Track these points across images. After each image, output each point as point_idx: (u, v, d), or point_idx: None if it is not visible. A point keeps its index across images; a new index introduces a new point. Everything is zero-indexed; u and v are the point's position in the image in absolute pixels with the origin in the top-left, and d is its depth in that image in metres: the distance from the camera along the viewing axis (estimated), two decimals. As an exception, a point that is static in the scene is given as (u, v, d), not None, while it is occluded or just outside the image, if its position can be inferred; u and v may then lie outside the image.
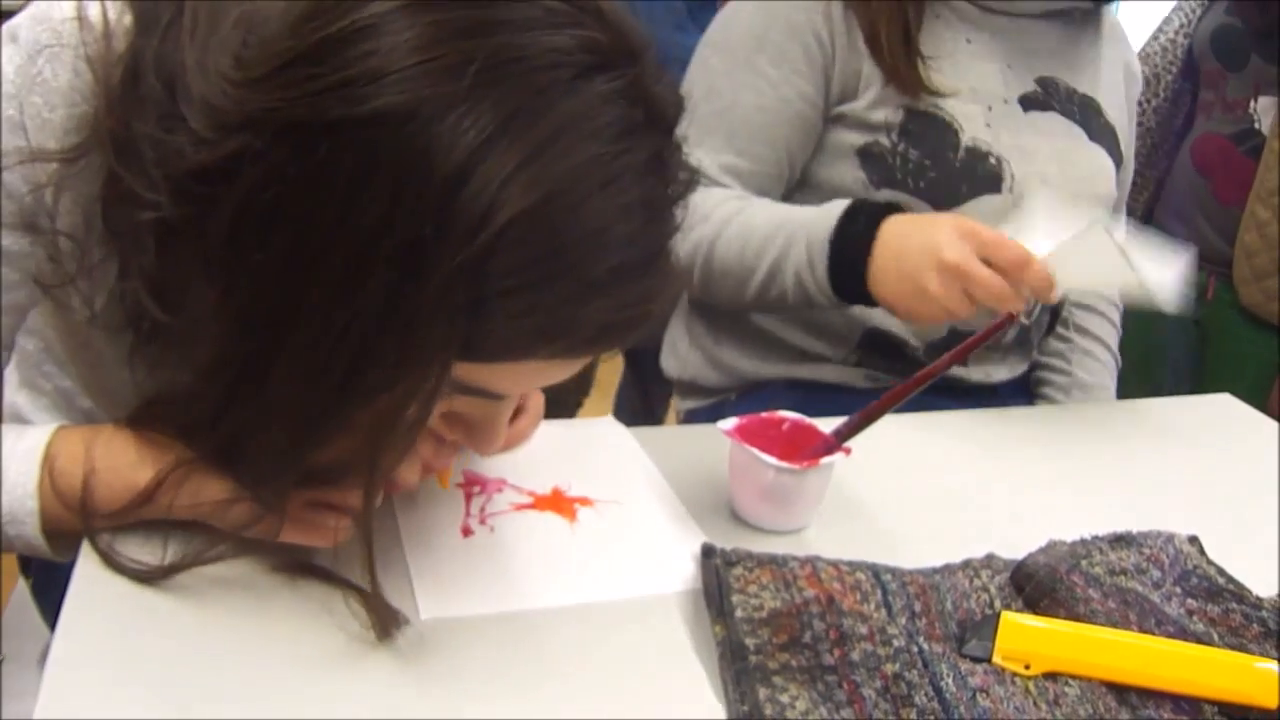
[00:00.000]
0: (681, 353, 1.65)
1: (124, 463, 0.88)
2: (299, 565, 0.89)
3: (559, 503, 1.03)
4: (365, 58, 0.69)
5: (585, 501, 1.04)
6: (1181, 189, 2.18)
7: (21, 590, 1.32)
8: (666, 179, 0.78)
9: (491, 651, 0.85)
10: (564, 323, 0.74)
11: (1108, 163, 1.55)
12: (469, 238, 0.68)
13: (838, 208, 1.30)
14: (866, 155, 1.43)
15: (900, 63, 1.41)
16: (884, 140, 1.42)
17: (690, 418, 1.67)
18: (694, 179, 0.81)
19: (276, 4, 0.75)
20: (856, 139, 1.43)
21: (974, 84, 1.46)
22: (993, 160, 1.43)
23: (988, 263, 1.15)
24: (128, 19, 0.82)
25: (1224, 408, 1.44)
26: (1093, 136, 1.54)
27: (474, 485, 1.04)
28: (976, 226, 1.18)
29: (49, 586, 1.20)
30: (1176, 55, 2.23)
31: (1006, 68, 1.49)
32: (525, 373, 0.79)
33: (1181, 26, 2.22)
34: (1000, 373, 1.57)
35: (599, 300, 0.73)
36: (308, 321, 0.73)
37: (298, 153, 0.70)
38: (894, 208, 1.28)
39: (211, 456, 0.86)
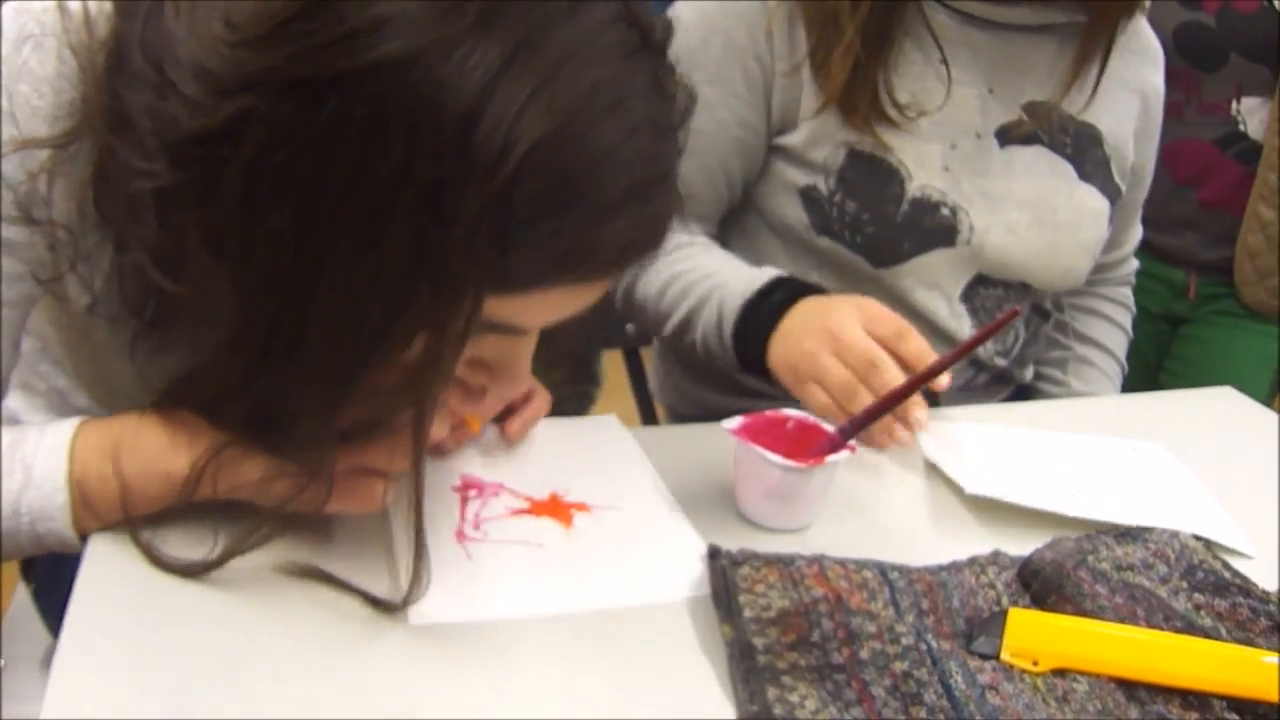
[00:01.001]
0: (660, 381, 1.66)
1: (152, 450, 0.89)
2: (305, 569, 0.89)
3: (555, 508, 1.02)
4: (364, 8, 0.69)
5: (582, 507, 1.02)
6: (1159, 195, 2.08)
7: (22, 594, 1.32)
8: (667, 98, 0.80)
9: (498, 651, 0.84)
10: (585, 246, 0.76)
11: (1099, 204, 1.45)
12: (490, 173, 0.70)
13: (762, 278, 1.25)
14: (807, 198, 1.36)
15: (858, 95, 1.30)
16: (821, 186, 1.35)
17: None
18: (692, 101, 0.84)
19: None
20: (798, 178, 1.36)
21: (942, 116, 1.35)
22: (945, 210, 1.35)
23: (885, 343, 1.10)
24: (108, 5, 0.83)
25: (1227, 401, 1.44)
26: (1084, 174, 1.43)
27: (471, 489, 1.04)
28: (880, 312, 1.14)
29: (50, 590, 1.20)
30: None
31: (988, 92, 1.38)
32: (549, 302, 0.81)
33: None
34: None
35: (616, 221, 0.76)
36: (336, 275, 0.74)
37: (305, 109, 0.71)
38: (816, 289, 1.23)
39: (244, 428, 0.87)
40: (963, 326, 1.42)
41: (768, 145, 1.39)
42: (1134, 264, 1.71)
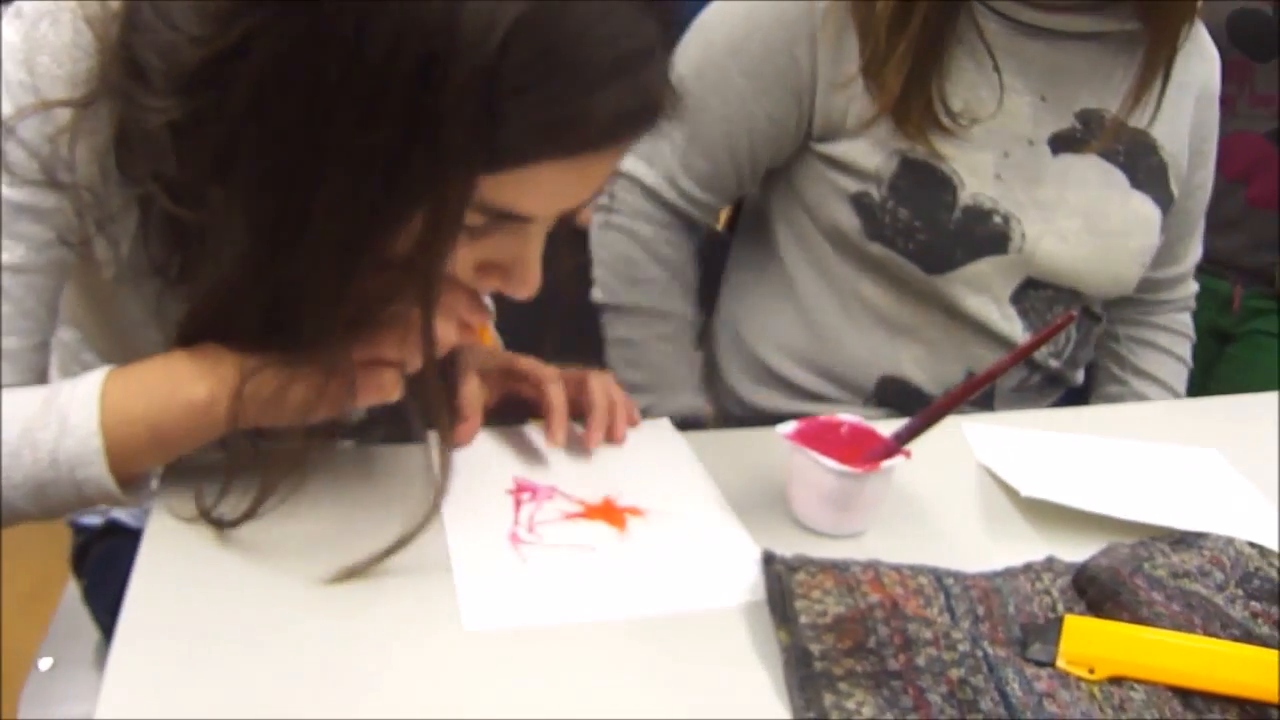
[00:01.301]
0: (707, 381, 1.66)
1: (173, 382, 0.92)
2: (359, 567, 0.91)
3: (609, 512, 1.02)
4: None
5: (636, 511, 1.03)
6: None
7: (71, 593, 1.33)
8: None
9: (550, 656, 0.85)
10: (573, 115, 0.79)
11: (1152, 212, 1.43)
12: (477, 45, 0.74)
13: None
14: (859, 204, 1.37)
15: (911, 104, 1.31)
16: (874, 193, 1.35)
17: None
18: None
19: None
20: (849, 185, 1.37)
21: (994, 124, 1.35)
22: (997, 219, 1.35)
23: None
24: None
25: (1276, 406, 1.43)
26: (1137, 182, 1.42)
27: (524, 492, 1.04)
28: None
29: (101, 588, 1.22)
30: None
31: (1040, 100, 1.37)
32: (546, 184, 0.84)
33: None
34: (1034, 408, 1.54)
35: (602, 91, 0.79)
36: (336, 160, 0.79)
37: (299, 16, 0.76)
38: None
39: (259, 338, 0.90)
40: (1015, 329, 1.42)
41: (801, 145, 1.41)
42: (1193, 286, 1.67)
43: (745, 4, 1.38)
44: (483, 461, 1.10)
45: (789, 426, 1.03)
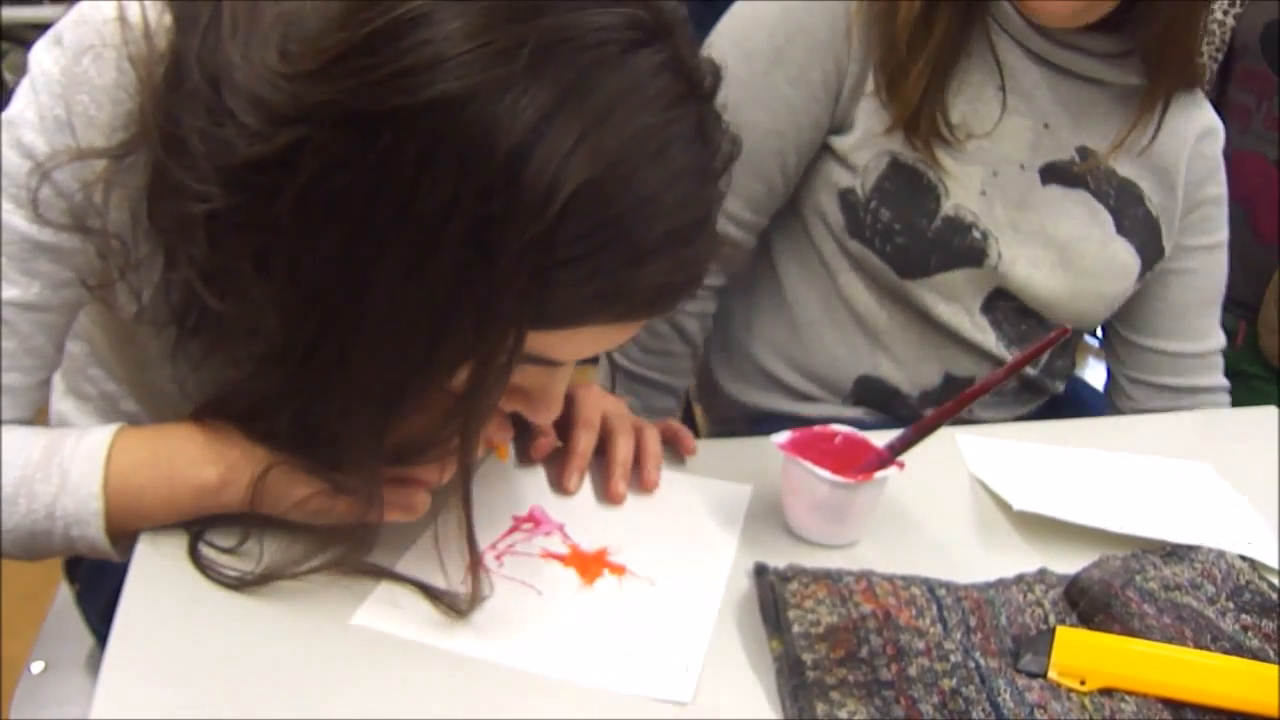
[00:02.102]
0: (698, 381, 1.66)
1: (186, 460, 0.91)
2: (374, 569, 0.91)
3: (588, 563, 0.98)
4: (420, 47, 0.71)
5: (618, 570, 0.97)
6: None
7: (63, 596, 1.33)
8: (710, 145, 0.81)
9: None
10: (622, 287, 0.77)
11: (1130, 260, 1.43)
12: (536, 213, 0.71)
13: None
14: (845, 200, 1.37)
15: (921, 115, 1.30)
16: (859, 190, 1.34)
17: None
18: (736, 148, 0.85)
19: (313, 1, 0.78)
20: (840, 178, 1.36)
21: (989, 142, 1.35)
22: (976, 233, 1.35)
23: None
24: (167, 19, 0.84)
25: (1271, 421, 1.43)
26: (1122, 229, 1.42)
27: (528, 522, 1.02)
28: None
29: (94, 592, 1.21)
30: (1216, 52, 1.97)
31: (1043, 127, 1.37)
32: (585, 338, 0.82)
33: (1219, 19, 1.96)
34: (998, 415, 1.54)
35: (654, 264, 0.77)
36: (382, 303, 0.76)
37: (360, 142, 0.73)
38: None
39: (284, 443, 0.89)
40: (987, 338, 1.42)
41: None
42: (1223, 381, 1.59)
43: (778, 4, 1.34)
44: (511, 482, 1.09)
45: (783, 436, 1.03)
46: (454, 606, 0.88)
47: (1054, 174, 1.39)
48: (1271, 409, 1.46)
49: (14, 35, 3.42)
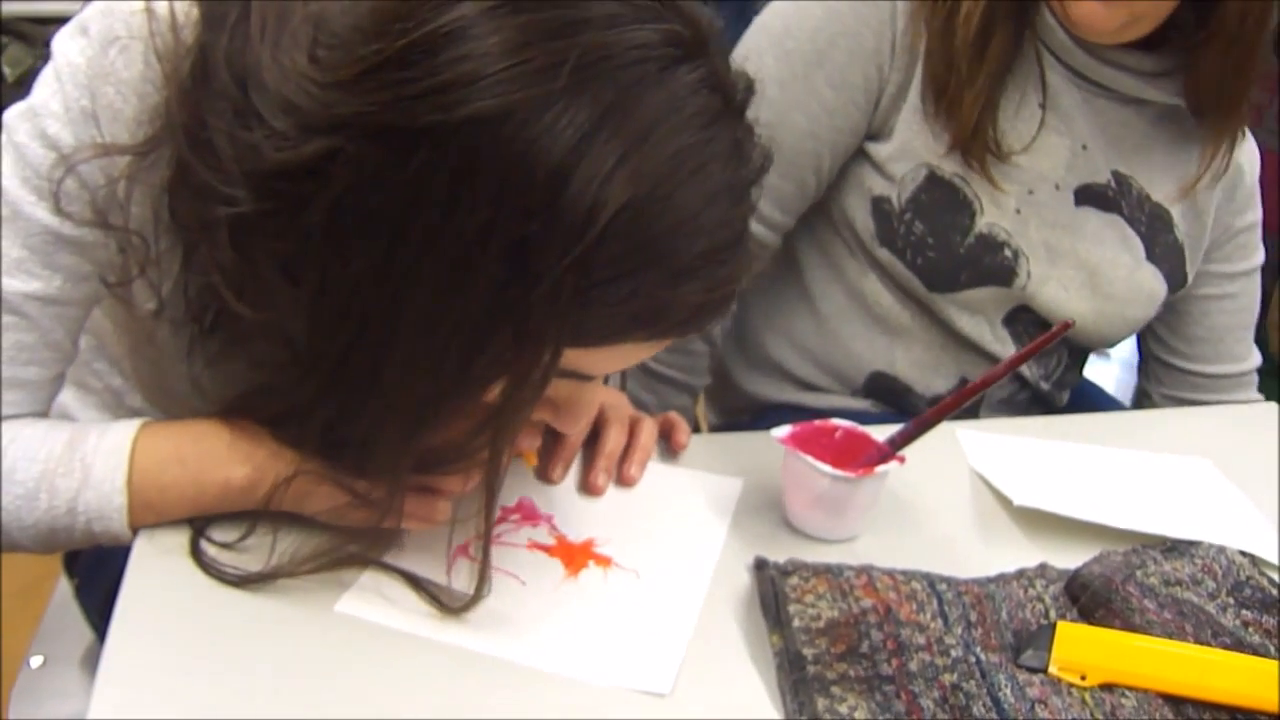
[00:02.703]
0: None
1: (212, 458, 0.91)
2: (368, 559, 0.91)
3: (574, 553, 0.98)
4: (457, 63, 0.70)
5: (604, 561, 0.97)
6: None
7: (63, 591, 1.32)
8: (746, 163, 0.80)
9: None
10: (659, 307, 0.77)
11: (1158, 287, 1.42)
12: (577, 234, 0.70)
13: None
14: (878, 208, 1.35)
15: (980, 126, 1.28)
16: (894, 200, 1.33)
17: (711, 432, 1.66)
18: (768, 161, 0.83)
19: (343, 2, 0.77)
20: (875, 185, 1.34)
21: (1026, 159, 1.34)
22: (1008, 252, 1.34)
23: None
24: (195, 13, 0.84)
25: (1270, 417, 1.43)
26: (1152, 255, 1.41)
27: (515, 513, 1.02)
28: None
29: (93, 587, 1.21)
30: None
31: (1081, 148, 1.36)
32: (618, 354, 0.82)
33: None
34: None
35: (691, 284, 0.76)
36: (416, 318, 0.76)
37: (395, 156, 0.72)
38: None
39: (312, 447, 0.89)
40: (1007, 349, 1.42)
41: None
42: (1257, 398, 1.58)
43: (827, 6, 1.31)
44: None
45: (783, 430, 1.03)
46: (447, 604, 0.88)
47: (1088, 196, 1.38)
48: (1271, 405, 1.46)
49: (13, 29, 3.41)
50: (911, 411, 1.42)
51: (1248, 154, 1.49)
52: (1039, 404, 1.54)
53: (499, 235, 0.71)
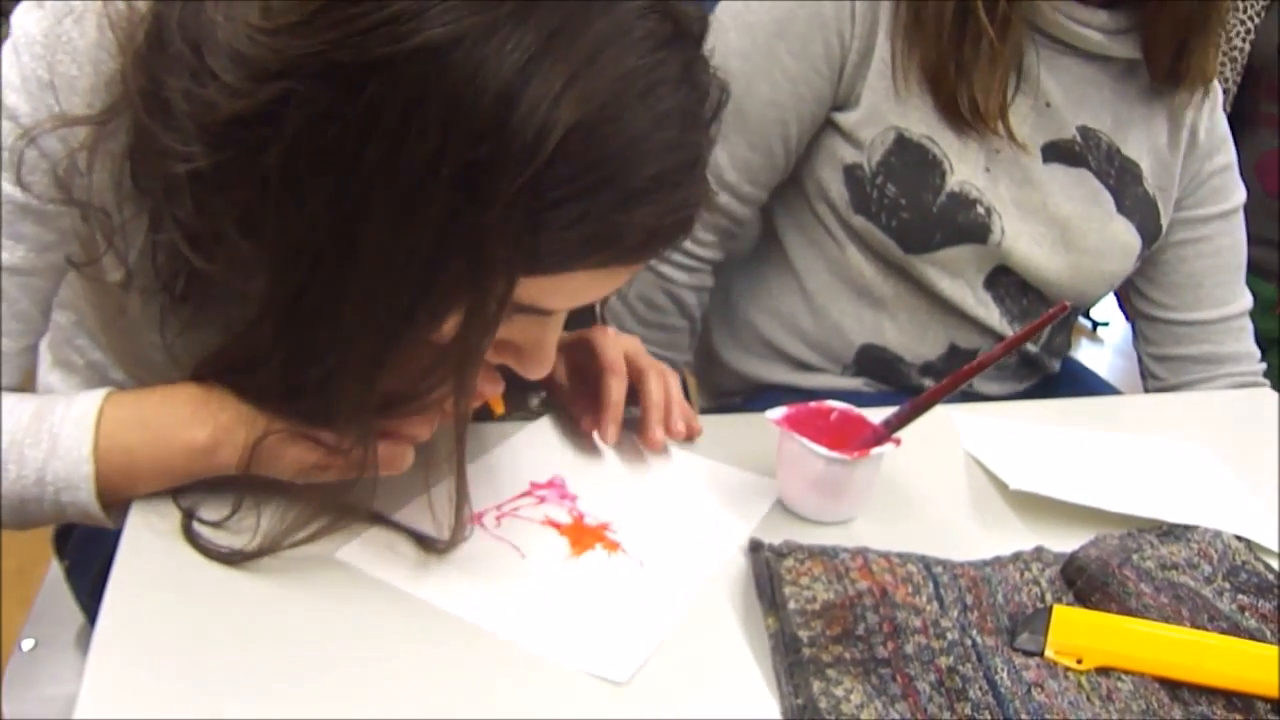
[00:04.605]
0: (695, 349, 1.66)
1: (176, 420, 0.91)
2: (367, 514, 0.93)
3: (584, 534, 0.98)
4: None
5: (612, 546, 0.97)
6: (1250, 206, 1.88)
7: (54, 573, 1.32)
8: (698, 89, 0.80)
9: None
10: (612, 230, 0.77)
11: (1131, 240, 1.44)
12: (526, 157, 0.71)
13: None
14: (850, 176, 1.37)
15: (960, 92, 1.30)
16: (865, 166, 1.35)
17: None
18: (725, 95, 0.84)
19: None
20: (845, 154, 1.37)
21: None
22: (980, 209, 1.35)
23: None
24: None
25: (1267, 402, 1.43)
26: (1123, 208, 1.43)
27: (542, 489, 1.03)
28: None
29: (83, 568, 1.21)
30: (1239, 69, 2.07)
31: (1045, 105, 1.38)
32: (575, 285, 0.82)
33: (1246, 35, 2.06)
34: (998, 390, 1.56)
35: (643, 207, 0.76)
36: (371, 253, 0.76)
37: (345, 93, 0.72)
38: None
39: (274, 400, 0.89)
40: (990, 314, 1.43)
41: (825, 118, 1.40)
42: (1254, 349, 1.59)
43: None
44: (540, 450, 1.10)
45: (778, 412, 1.02)
46: (432, 547, 0.89)
47: (1055, 153, 1.40)
48: (1268, 391, 1.46)
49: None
50: (903, 384, 1.46)
51: (1214, 97, 1.51)
52: (1029, 367, 1.57)
53: (449, 161, 0.71)
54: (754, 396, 1.55)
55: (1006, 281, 1.43)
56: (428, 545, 0.90)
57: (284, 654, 0.80)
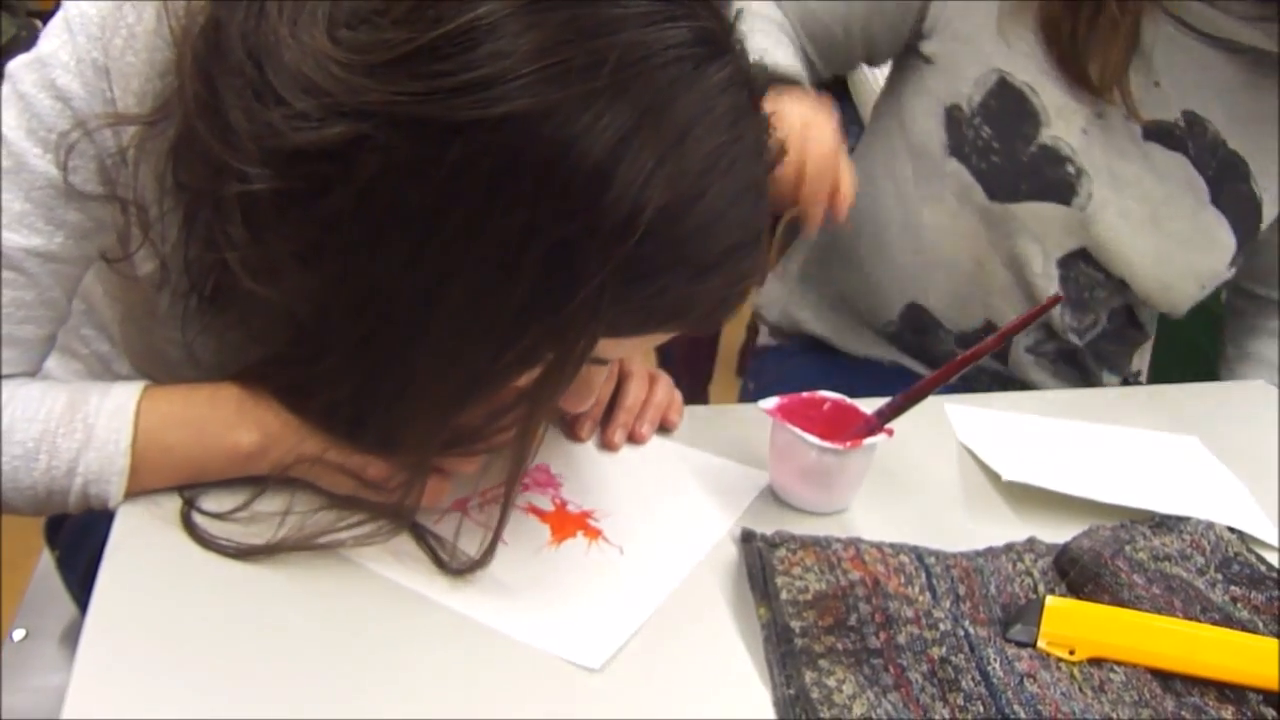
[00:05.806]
0: (771, 296, 1.67)
1: (221, 423, 0.90)
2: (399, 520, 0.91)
3: (566, 522, 0.98)
4: (492, 59, 0.69)
5: (593, 534, 0.96)
6: None
7: (45, 563, 1.32)
8: (766, 158, 0.81)
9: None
10: (685, 301, 0.77)
11: (1223, 235, 1.39)
12: (618, 237, 0.70)
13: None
14: (950, 117, 1.38)
15: (1081, 55, 1.31)
16: (965, 106, 1.36)
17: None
18: (781, 155, 0.86)
19: None
20: (946, 95, 1.38)
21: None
22: (1070, 168, 1.34)
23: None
24: None
25: (1260, 394, 1.43)
26: (1217, 200, 1.38)
27: (525, 477, 1.01)
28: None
29: (75, 559, 1.20)
30: None
31: (1153, 84, 1.34)
32: (637, 342, 0.82)
33: None
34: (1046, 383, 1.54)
35: (714, 280, 0.77)
36: (452, 313, 0.75)
37: (430, 149, 0.71)
38: None
39: (326, 422, 0.88)
40: (1049, 288, 1.42)
41: (910, 44, 1.43)
42: None
43: None
44: None
45: (771, 402, 1.02)
46: (446, 565, 0.88)
47: (1155, 133, 1.37)
48: (1260, 382, 1.46)
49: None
50: (937, 354, 1.46)
51: None
52: (1066, 361, 1.54)
53: (539, 236, 0.71)
54: (789, 340, 1.60)
55: (1081, 270, 1.42)
56: (441, 562, 0.88)
57: (271, 643, 0.80)
